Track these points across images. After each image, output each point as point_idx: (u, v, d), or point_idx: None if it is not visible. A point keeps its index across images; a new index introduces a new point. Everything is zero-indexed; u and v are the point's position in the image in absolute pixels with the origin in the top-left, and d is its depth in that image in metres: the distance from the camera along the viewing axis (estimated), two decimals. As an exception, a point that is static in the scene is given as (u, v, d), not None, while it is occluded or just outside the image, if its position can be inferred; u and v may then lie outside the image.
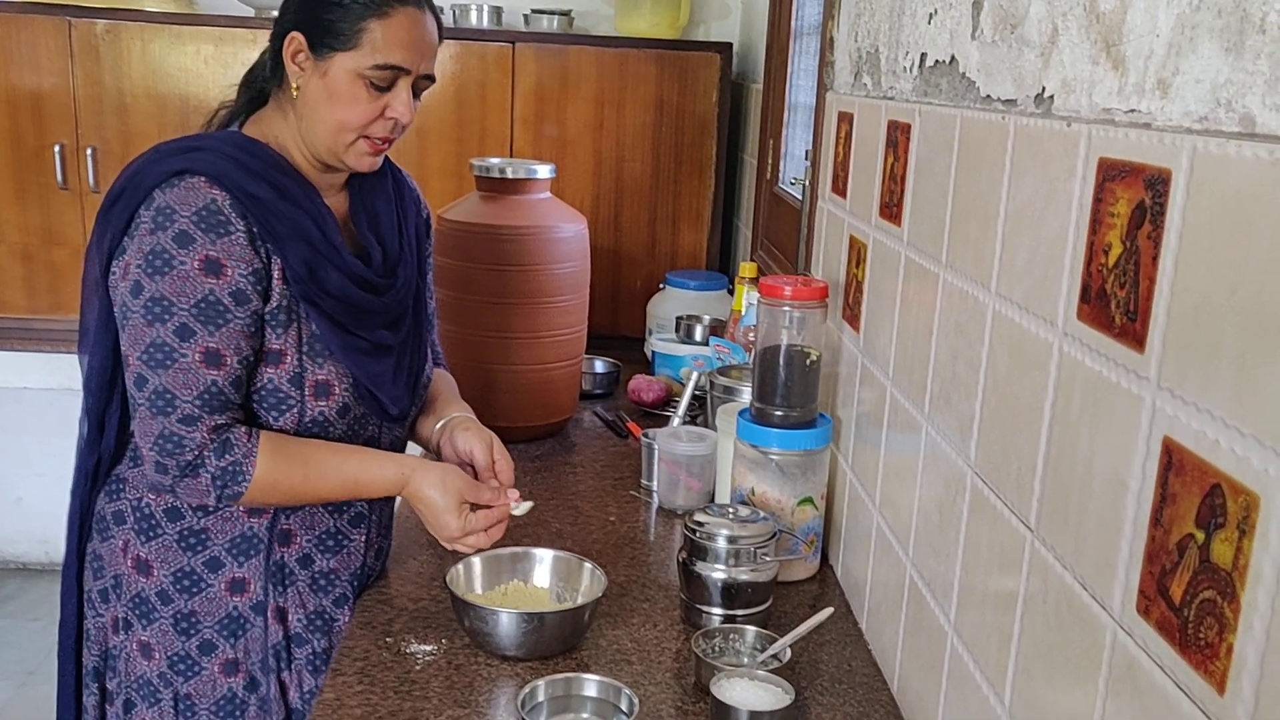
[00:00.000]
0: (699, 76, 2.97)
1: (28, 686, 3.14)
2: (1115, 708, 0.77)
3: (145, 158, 1.36)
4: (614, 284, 3.03)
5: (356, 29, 1.33)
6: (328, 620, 1.46)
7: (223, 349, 1.30)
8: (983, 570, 1.04)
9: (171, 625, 1.41)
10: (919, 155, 1.29)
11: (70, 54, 2.95)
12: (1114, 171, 0.80)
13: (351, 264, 1.41)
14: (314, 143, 1.40)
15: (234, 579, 1.41)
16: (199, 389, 1.28)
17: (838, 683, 1.32)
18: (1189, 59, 0.70)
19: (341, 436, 1.44)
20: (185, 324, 1.28)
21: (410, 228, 1.56)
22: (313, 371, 1.38)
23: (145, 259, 1.28)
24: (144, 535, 1.41)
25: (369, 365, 1.42)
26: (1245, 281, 0.63)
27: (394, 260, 1.49)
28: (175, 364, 1.28)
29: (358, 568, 1.50)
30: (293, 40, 1.36)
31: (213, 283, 1.28)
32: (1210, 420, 0.66)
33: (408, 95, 1.39)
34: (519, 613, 1.31)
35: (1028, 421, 0.94)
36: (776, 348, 1.55)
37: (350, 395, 1.41)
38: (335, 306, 1.38)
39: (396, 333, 1.48)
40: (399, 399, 1.48)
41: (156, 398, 1.28)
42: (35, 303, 3.12)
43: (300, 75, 1.37)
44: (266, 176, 1.35)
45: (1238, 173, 0.64)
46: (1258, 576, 0.61)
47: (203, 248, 1.28)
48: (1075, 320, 0.85)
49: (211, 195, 1.29)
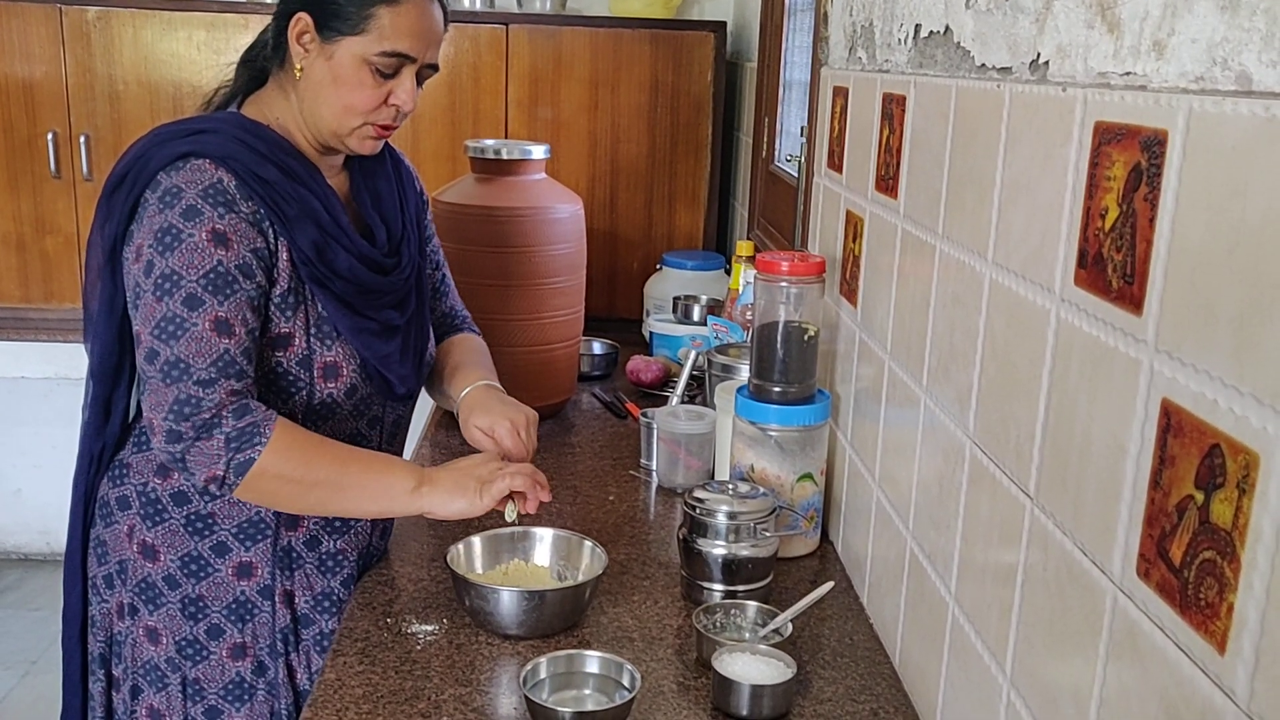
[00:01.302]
0: (693, 56, 2.96)
1: (31, 676, 3.14)
2: (1116, 672, 0.77)
3: (147, 140, 1.35)
4: (611, 266, 3.02)
5: (365, 14, 1.33)
6: (336, 601, 1.46)
7: (232, 319, 1.28)
8: (983, 541, 1.04)
9: (179, 610, 1.41)
10: (914, 127, 1.29)
11: (61, 41, 2.93)
12: (1110, 135, 0.79)
13: (359, 244, 1.41)
14: (317, 125, 1.39)
15: (241, 563, 1.41)
16: (213, 356, 1.27)
17: (839, 656, 1.32)
18: (1185, 19, 0.70)
19: (348, 416, 1.44)
20: (193, 294, 1.26)
21: (410, 207, 1.56)
22: (321, 354, 1.38)
23: (155, 237, 1.27)
24: (150, 520, 1.40)
25: (378, 346, 1.42)
26: (1243, 240, 0.63)
27: (398, 239, 1.49)
28: (186, 334, 1.26)
29: (365, 546, 1.50)
30: (299, 20, 1.35)
31: (221, 254, 1.28)
32: (1209, 381, 0.66)
33: (411, 83, 1.39)
34: (520, 591, 1.31)
35: (1026, 390, 0.94)
36: (774, 324, 1.54)
37: (358, 376, 1.41)
38: (344, 288, 1.38)
39: (403, 312, 1.48)
40: (406, 378, 1.48)
41: (170, 368, 1.26)
42: (29, 292, 3.11)
43: (305, 57, 1.36)
44: (272, 158, 1.35)
45: (1234, 130, 0.64)
46: (1258, 535, 0.61)
47: (210, 220, 1.27)
48: (1072, 286, 0.85)
49: (218, 176, 1.29)
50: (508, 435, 1.46)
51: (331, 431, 1.43)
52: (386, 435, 1.54)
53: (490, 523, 1.47)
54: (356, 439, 1.47)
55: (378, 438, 1.52)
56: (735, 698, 1.17)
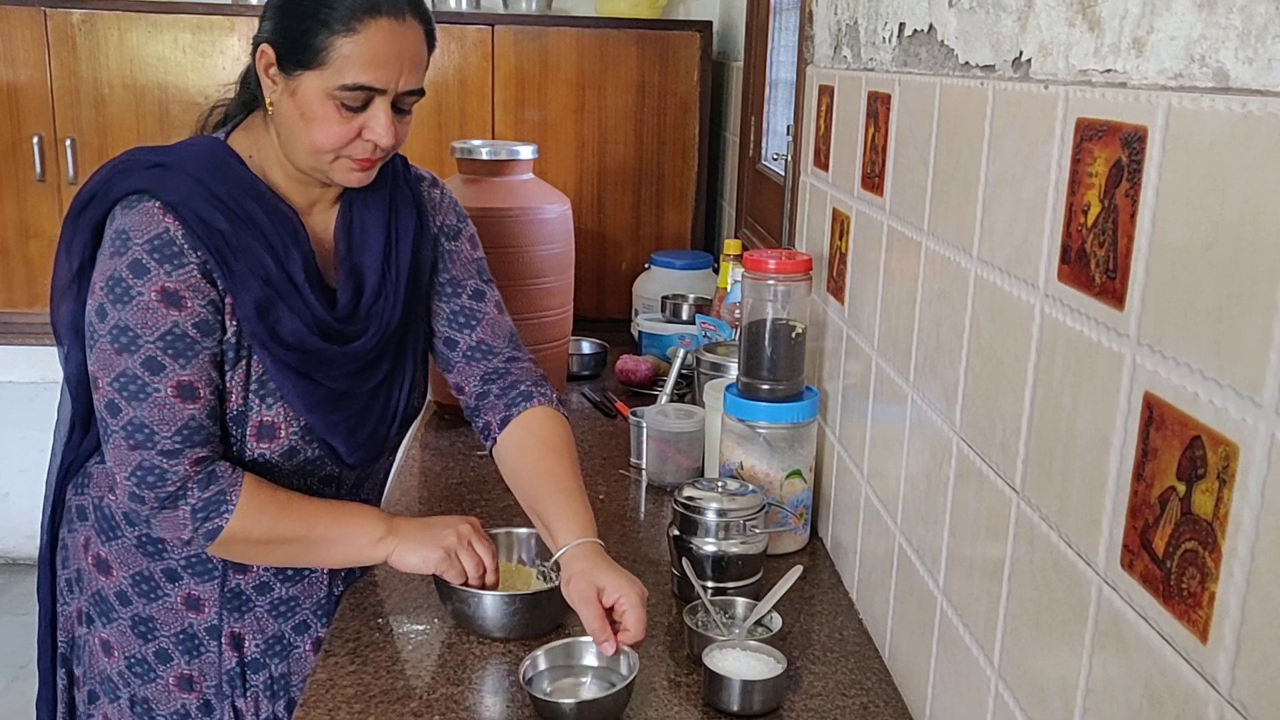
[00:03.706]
0: (679, 56, 2.97)
1: (19, 681, 3.13)
2: (1101, 662, 0.78)
3: (114, 165, 1.30)
4: (599, 266, 3.03)
5: (322, 46, 1.23)
6: (286, 645, 1.43)
7: (196, 382, 1.25)
8: (970, 535, 1.05)
9: (130, 627, 1.39)
10: (899, 125, 1.30)
11: (46, 44, 2.92)
12: (1091, 131, 0.80)
13: (312, 305, 1.31)
14: (294, 160, 1.31)
15: (190, 595, 1.38)
16: (177, 424, 1.24)
17: (829, 651, 1.33)
18: (1163, 16, 0.71)
19: (290, 475, 1.37)
20: (153, 357, 1.23)
21: (404, 248, 1.41)
22: (259, 412, 1.31)
23: (107, 283, 1.23)
24: (104, 535, 1.39)
25: (324, 413, 1.34)
26: (1221, 234, 0.64)
27: (369, 301, 1.37)
28: (149, 398, 1.23)
29: (322, 596, 1.45)
30: (263, 54, 1.27)
31: (175, 315, 1.23)
32: (1189, 373, 0.67)
33: (386, 115, 1.27)
34: (501, 595, 1.31)
35: (1011, 385, 0.95)
36: (762, 322, 1.55)
37: (299, 439, 1.34)
38: (286, 354, 1.29)
39: (367, 380, 1.38)
40: (358, 449, 1.39)
41: (135, 430, 1.23)
42: (13, 296, 3.10)
43: (274, 90, 1.29)
44: (230, 203, 1.27)
45: (1212, 127, 0.65)
46: (1238, 525, 0.62)
47: (158, 279, 1.22)
48: (1056, 281, 0.86)
49: (165, 224, 1.23)
50: (635, 606, 1.22)
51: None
52: (346, 492, 1.47)
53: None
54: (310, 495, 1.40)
55: (333, 495, 1.45)
56: (726, 693, 1.17)
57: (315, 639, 1.45)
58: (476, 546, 1.33)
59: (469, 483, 1.84)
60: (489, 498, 1.76)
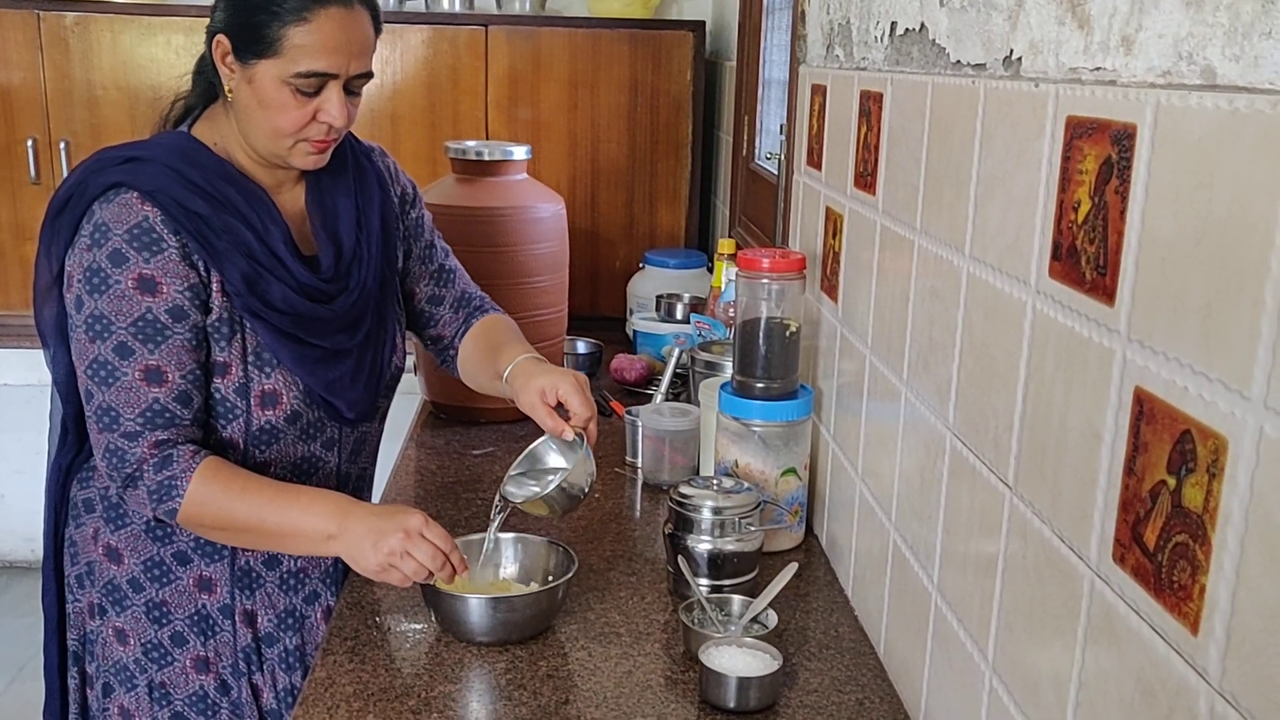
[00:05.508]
0: (673, 56, 2.97)
1: (18, 682, 3.13)
2: (1094, 656, 0.78)
3: (87, 166, 1.34)
4: (593, 265, 3.03)
5: (276, 35, 1.28)
6: (299, 618, 1.46)
7: (164, 366, 1.29)
8: (964, 531, 1.06)
9: (144, 613, 1.42)
10: (892, 124, 1.30)
11: (40, 47, 2.92)
12: (1081, 129, 0.81)
13: (297, 273, 1.37)
14: (254, 146, 1.37)
15: (202, 576, 1.42)
16: (141, 406, 1.28)
17: (825, 648, 1.34)
18: (1152, 14, 0.72)
19: (295, 441, 1.42)
20: (124, 342, 1.27)
21: (373, 217, 1.50)
22: (259, 381, 1.36)
23: (84, 275, 1.28)
24: (113, 524, 1.42)
25: (323, 372, 1.40)
26: (1209, 229, 0.64)
27: (348, 260, 1.44)
28: (117, 382, 1.28)
29: (330, 565, 1.49)
30: (219, 44, 1.33)
31: (150, 301, 1.28)
32: (1179, 368, 0.67)
33: (338, 98, 1.33)
34: (487, 599, 1.30)
35: (1004, 381, 0.95)
36: (756, 320, 1.56)
37: (301, 402, 1.40)
38: (280, 319, 1.35)
39: (354, 334, 1.44)
40: (357, 402, 1.45)
41: (103, 414, 1.29)
42: (9, 298, 3.10)
43: (231, 78, 1.34)
44: (207, 187, 1.32)
45: (1199, 123, 0.65)
46: (1227, 517, 0.62)
47: (136, 266, 1.27)
48: (1047, 278, 0.86)
49: (144, 212, 1.28)
50: (574, 393, 1.40)
51: (279, 456, 1.42)
52: (346, 456, 1.52)
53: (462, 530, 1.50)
54: (311, 462, 1.46)
55: (335, 460, 1.50)
56: (723, 690, 1.18)
57: (326, 607, 1.49)
58: (429, 534, 1.26)
59: (464, 482, 1.84)
60: (485, 496, 1.77)
